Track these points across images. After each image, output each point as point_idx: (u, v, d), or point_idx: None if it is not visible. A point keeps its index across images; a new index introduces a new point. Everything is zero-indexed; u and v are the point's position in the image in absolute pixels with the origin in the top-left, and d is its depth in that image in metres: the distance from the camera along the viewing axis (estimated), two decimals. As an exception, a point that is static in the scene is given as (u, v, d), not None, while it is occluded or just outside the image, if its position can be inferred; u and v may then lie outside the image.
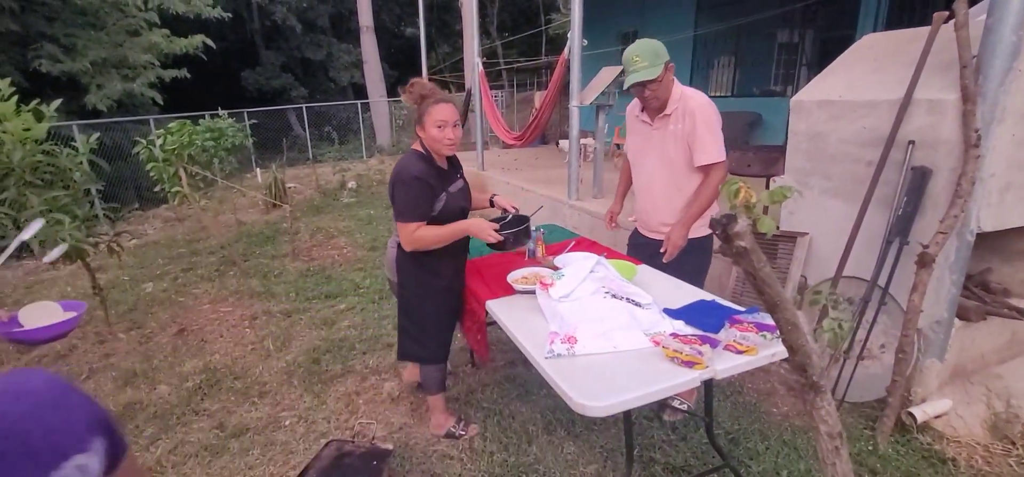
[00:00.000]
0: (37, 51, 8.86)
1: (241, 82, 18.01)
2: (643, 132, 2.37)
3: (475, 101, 7.24)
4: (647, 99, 2.21)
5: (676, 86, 2.21)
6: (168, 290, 4.62)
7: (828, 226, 2.66)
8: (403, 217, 2.03)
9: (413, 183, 2.00)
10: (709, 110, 2.15)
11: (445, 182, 2.12)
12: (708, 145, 2.14)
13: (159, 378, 3.12)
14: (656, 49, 2.13)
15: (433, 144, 2.05)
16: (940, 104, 2.20)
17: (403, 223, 2.03)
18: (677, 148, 2.22)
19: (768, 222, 0.73)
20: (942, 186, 2.22)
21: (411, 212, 2.02)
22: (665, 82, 2.16)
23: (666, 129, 2.24)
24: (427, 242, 2.06)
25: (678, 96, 2.20)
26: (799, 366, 0.85)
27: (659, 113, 2.24)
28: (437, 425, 2.45)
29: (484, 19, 20.44)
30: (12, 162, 3.27)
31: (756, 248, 0.72)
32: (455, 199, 2.14)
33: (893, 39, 2.75)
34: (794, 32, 7.85)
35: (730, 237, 0.70)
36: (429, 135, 2.03)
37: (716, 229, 0.73)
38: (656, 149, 2.31)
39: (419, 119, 2.05)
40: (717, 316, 1.77)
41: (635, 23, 9.43)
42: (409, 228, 2.03)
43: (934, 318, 2.32)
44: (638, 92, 2.22)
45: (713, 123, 2.15)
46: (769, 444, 2.26)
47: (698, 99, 2.18)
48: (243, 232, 6.39)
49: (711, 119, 2.14)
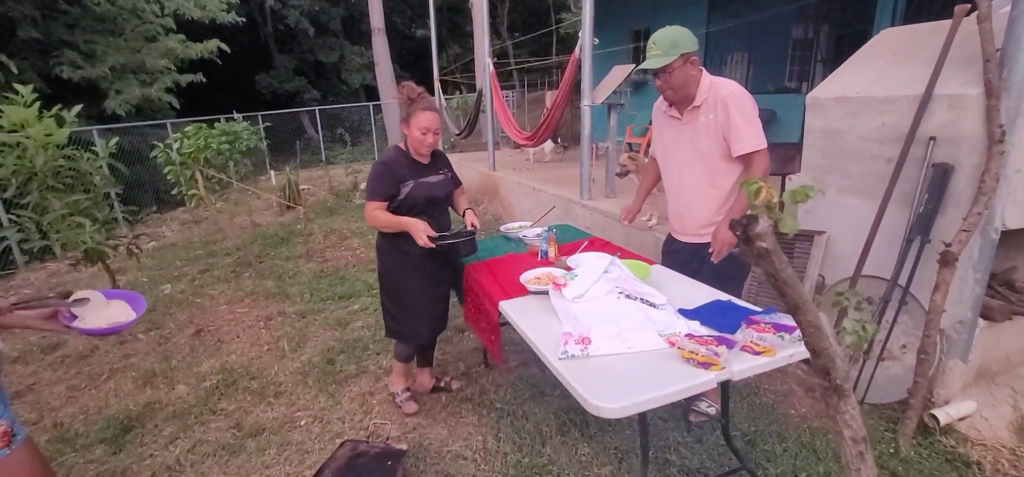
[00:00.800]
0: (58, 58, 9.05)
1: (255, 85, 18.25)
2: (672, 128, 2.28)
3: (486, 101, 7.24)
4: (661, 88, 2.16)
5: (705, 77, 2.13)
6: (185, 291, 4.69)
7: (846, 225, 2.61)
8: (369, 195, 2.33)
9: (380, 167, 2.33)
10: (742, 97, 2.06)
11: (417, 173, 2.36)
12: (745, 133, 2.04)
13: (177, 378, 3.17)
14: (675, 39, 2.06)
15: (414, 144, 2.33)
16: (962, 99, 2.15)
17: (367, 200, 2.33)
18: (710, 141, 2.12)
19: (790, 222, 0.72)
20: (965, 183, 2.17)
21: (373, 191, 2.32)
22: (680, 73, 2.08)
23: (697, 122, 2.15)
24: (377, 223, 2.34)
25: (707, 86, 2.11)
26: (822, 369, 0.84)
27: (687, 106, 2.16)
28: (392, 382, 2.77)
29: (495, 19, 20.46)
30: (35, 166, 3.35)
31: (778, 249, 0.71)
32: (421, 188, 2.36)
33: (912, 33, 2.70)
34: (808, 28, 7.74)
35: (751, 238, 0.69)
36: (412, 136, 2.30)
37: (736, 230, 0.72)
38: (687, 145, 2.21)
39: (406, 117, 2.30)
40: (733, 317, 1.75)
41: (647, 21, 9.36)
42: (371, 205, 2.32)
43: (957, 318, 2.27)
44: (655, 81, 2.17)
45: (748, 109, 2.05)
46: (787, 446, 2.23)
47: (729, 87, 2.09)
48: (258, 234, 6.47)
49: (745, 105, 2.05)
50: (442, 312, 2.62)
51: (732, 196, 2.17)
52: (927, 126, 2.27)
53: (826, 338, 0.80)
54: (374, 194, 2.32)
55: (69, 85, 9.02)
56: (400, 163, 2.35)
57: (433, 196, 2.41)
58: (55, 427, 2.74)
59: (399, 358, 2.68)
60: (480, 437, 2.43)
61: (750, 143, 2.04)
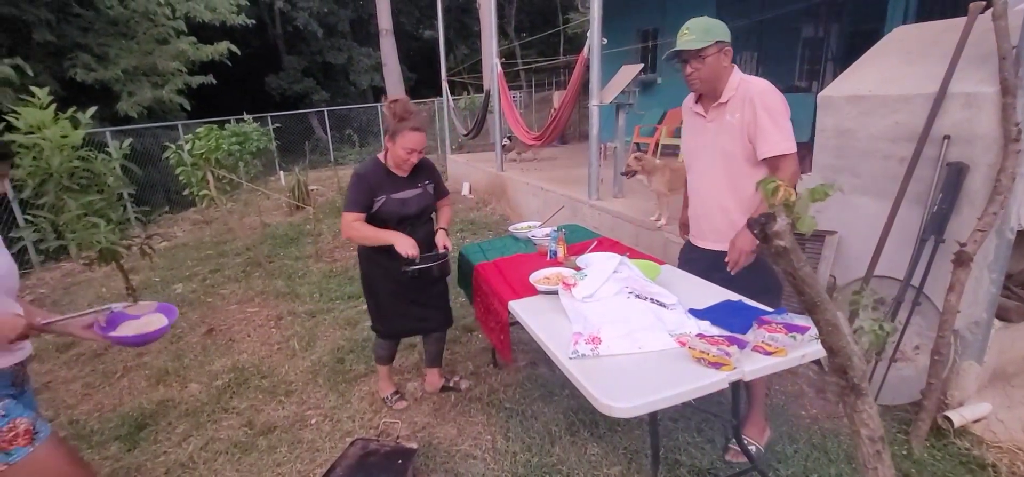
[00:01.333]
0: (72, 61, 9.18)
1: (265, 87, 18.39)
2: (697, 126, 2.16)
3: (494, 102, 7.25)
4: (689, 76, 2.02)
5: (735, 73, 2.01)
6: (197, 291, 4.74)
7: (858, 225, 2.59)
8: (345, 206, 2.33)
9: (355, 179, 2.33)
10: (771, 95, 1.92)
11: (392, 188, 2.36)
12: (771, 134, 1.89)
13: (190, 376, 3.21)
14: (710, 25, 1.95)
15: (397, 160, 2.32)
16: (977, 97, 2.12)
17: (344, 212, 2.33)
18: (734, 141, 1.99)
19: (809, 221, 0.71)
20: (980, 182, 2.14)
21: (350, 202, 2.32)
22: (713, 61, 1.96)
23: (722, 120, 2.02)
24: (355, 236, 2.34)
25: (736, 83, 1.99)
26: (839, 368, 0.83)
27: (713, 102, 2.04)
28: (379, 389, 2.82)
29: (502, 20, 20.48)
30: (51, 167, 3.40)
31: (796, 247, 0.71)
32: (394, 204, 2.35)
33: (926, 31, 2.67)
34: (819, 27, 7.69)
35: (769, 236, 0.69)
36: (397, 153, 2.29)
37: (754, 229, 0.71)
38: (710, 144, 2.09)
39: (393, 134, 2.28)
40: (744, 317, 1.74)
41: (655, 21, 9.34)
42: (347, 217, 2.32)
43: (972, 319, 2.24)
44: (683, 69, 2.04)
45: (776, 110, 1.91)
46: (798, 447, 2.22)
47: (759, 85, 1.95)
48: (268, 234, 6.52)
49: (773, 105, 1.91)
50: (422, 315, 2.58)
51: (754, 203, 2.01)
52: (941, 124, 2.24)
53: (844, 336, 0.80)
54: (350, 205, 2.31)
55: (83, 87, 9.15)
56: (376, 174, 2.34)
57: (404, 214, 2.38)
58: (71, 424, 2.79)
59: (379, 362, 2.75)
60: (489, 436, 2.44)
61: (777, 146, 1.89)
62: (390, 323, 2.58)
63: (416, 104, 15.04)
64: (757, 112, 1.91)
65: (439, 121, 12.30)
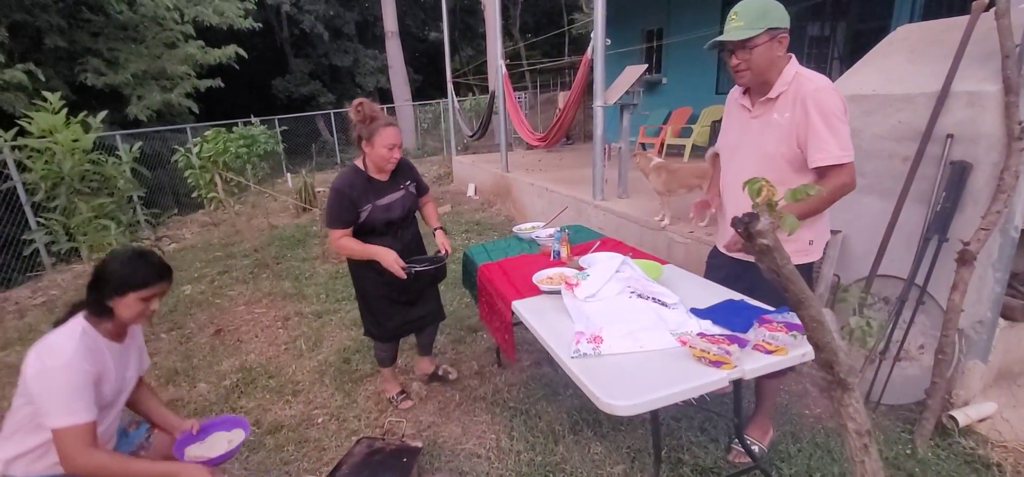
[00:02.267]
0: (83, 65, 9.31)
1: (272, 89, 18.53)
2: (740, 120, 1.94)
3: (499, 103, 7.28)
4: (736, 69, 1.79)
5: (790, 65, 1.78)
6: (205, 292, 4.79)
7: (861, 224, 2.59)
8: (328, 223, 2.30)
9: (334, 194, 2.26)
10: (828, 95, 1.68)
11: (375, 195, 2.32)
12: (826, 141, 1.67)
13: (199, 376, 3.25)
14: (764, 8, 1.70)
15: (380, 161, 2.27)
16: (980, 96, 2.12)
17: (329, 228, 2.31)
18: (780, 142, 1.77)
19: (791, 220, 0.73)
20: (983, 181, 2.14)
21: (333, 220, 2.28)
22: (764, 50, 1.73)
23: (768, 117, 1.80)
24: (345, 251, 2.33)
25: (790, 77, 1.76)
26: (826, 363, 0.85)
27: (762, 96, 1.82)
28: (385, 390, 2.82)
29: (507, 21, 20.51)
30: (63, 171, 3.46)
31: (779, 246, 0.72)
32: (379, 211, 2.33)
33: (929, 30, 2.67)
34: (825, 25, 7.64)
35: (752, 235, 0.71)
36: (378, 154, 2.24)
37: (738, 228, 0.73)
38: (752, 142, 1.86)
39: (368, 137, 2.23)
40: (745, 316, 1.75)
41: (660, 21, 9.33)
42: (334, 234, 2.30)
43: (976, 318, 2.24)
44: (729, 60, 1.81)
45: (833, 112, 1.67)
46: (801, 446, 2.22)
47: (816, 82, 1.72)
48: (275, 235, 6.57)
49: (830, 106, 1.67)
50: (415, 314, 2.61)
51: None
52: (944, 123, 2.24)
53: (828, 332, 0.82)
54: (334, 223, 2.28)
55: (93, 91, 9.28)
56: (356, 186, 2.29)
57: (390, 219, 2.37)
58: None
59: (381, 364, 2.75)
60: (494, 435, 2.46)
61: (831, 155, 1.67)
62: (384, 326, 2.57)
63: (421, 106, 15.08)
64: (809, 113, 1.69)
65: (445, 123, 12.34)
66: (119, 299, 1.54)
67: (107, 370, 1.56)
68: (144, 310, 1.59)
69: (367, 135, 2.22)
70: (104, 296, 1.53)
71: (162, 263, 1.63)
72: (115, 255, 1.60)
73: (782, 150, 1.78)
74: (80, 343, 1.48)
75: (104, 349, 1.57)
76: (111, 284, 1.53)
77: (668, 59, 9.42)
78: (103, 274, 1.54)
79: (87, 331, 1.53)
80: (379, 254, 2.26)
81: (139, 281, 1.55)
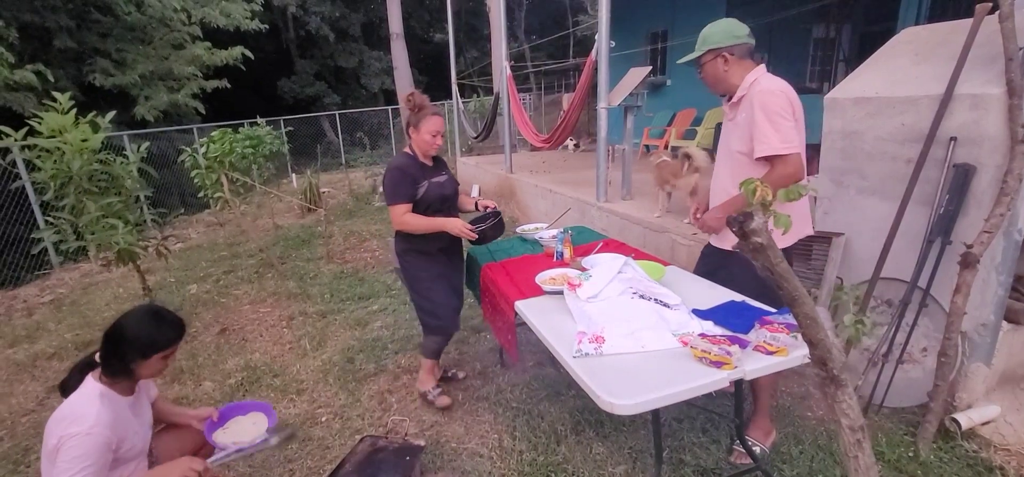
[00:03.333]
0: (91, 66, 9.39)
1: (278, 90, 18.62)
2: (724, 124, 2.20)
3: (503, 104, 7.30)
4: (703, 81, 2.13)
5: (752, 73, 2.00)
6: (211, 291, 4.83)
7: (865, 226, 2.59)
8: (391, 201, 2.46)
9: (395, 172, 2.46)
10: (771, 96, 1.89)
11: (427, 174, 2.52)
12: (767, 134, 1.87)
13: (204, 375, 3.28)
14: (706, 33, 2.05)
15: (424, 146, 2.49)
16: (984, 99, 2.12)
17: (392, 205, 2.47)
18: (740, 141, 2.00)
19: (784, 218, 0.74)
20: (986, 183, 2.13)
21: (395, 195, 2.45)
22: (709, 68, 2.04)
23: (735, 119, 2.05)
24: (411, 226, 2.47)
25: (749, 83, 1.97)
26: (820, 360, 0.85)
27: (730, 101, 2.08)
28: (421, 381, 2.81)
29: (512, 23, 20.54)
30: (71, 171, 3.49)
31: (773, 244, 0.73)
32: (435, 188, 2.51)
33: (934, 32, 2.67)
34: (830, 27, 7.63)
35: (747, 233, 0.72)
36: (423, 139, 2.46)
37: (733, 226, 0.74)
38: (725, 142, 2.13)
39: (416, 124, 2.46)
40: (747, 317, 1.76)
41: (665, 22, 9.33)
42: (397, 210, 2.46)
43: (980, 321, 2.23)
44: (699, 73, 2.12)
45: (774, 109, 1.87)
46: (803, 448, 2.22)
47: (764, 84, 1.93)
48: (280, 236, 6.62)
49: (772, 105, 1.87)
50: (459, 304, 2.75)
51: None
52: (948, 126, 2.24)
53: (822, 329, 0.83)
54: (399, 197, 2.45)
55: (101, 92, 9.36)
56: (412, 166, 2.50)
57: (444, 194, 2.56)
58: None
59: (428, 355, 2.76)
60: (496, 435, 2.47)
61: (769, 145, 1.87)
62: (440, 314, 2.62)
63: (426, 107, 15.15)
64: (755, 111, 1.90)
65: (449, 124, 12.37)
66: (143, 362, 1.55)
67: (129, 430, 1.56)
68: (165, 366, 1.62)
69: (415, 122, 2.45)
70: (128, 361, 1.54)
71: (179, 320, 1.65)
72: (131, 318, 1.58)
73: (743, 147, 2.00)
74: (102, 410, 1.47)
75: (124, 408, 1.58)
76: (135, 348, 1.53)
77: (673, 60, 9.42)
78: (123, 338, 1.53)
79: (106, 395, 1.53)
80: (446, 224, 2.44)
81: (165, 342, 1.58)
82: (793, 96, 1.92)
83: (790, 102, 1.90)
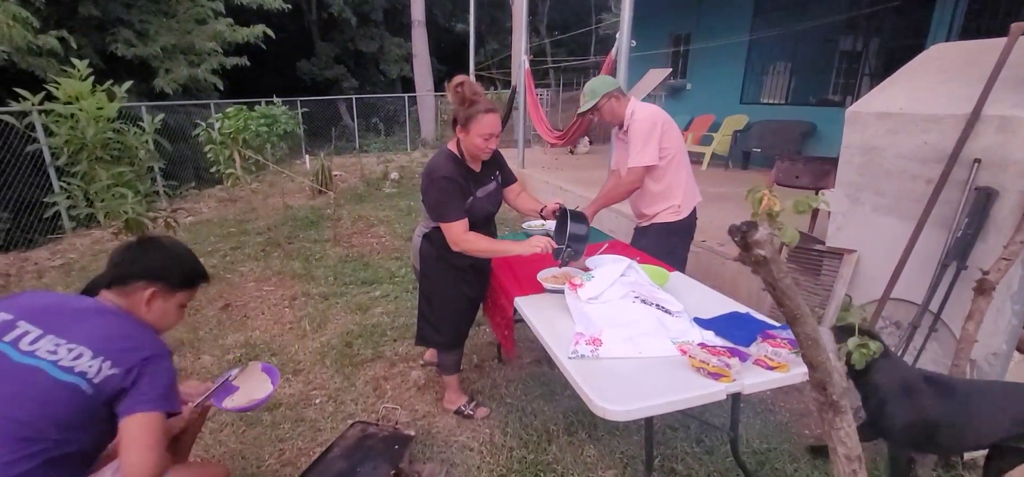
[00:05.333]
0: (114, 36, 9.48)
1: (297, 71, 18.70)
2: (618, 144, 2.88)
3: (519, 98, 7.25)
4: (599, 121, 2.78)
5: (630, 105, 2.67)
6: (217, 267, 4.86)
7: (878, 245, 2.52)
8: (446, 218, 2.05)
9: (445, 183, 2.03)
10: (643, 123, 2.58)
11: (475, 184, 2.16)
12: (635, 151, 2.61)
13: (203, 349, 3.30)
14: (594, 87, 2.66)
15: (474, 150, 2.08)
16: (1012, 121, 2.04)
17: (448, 223, 2.05)
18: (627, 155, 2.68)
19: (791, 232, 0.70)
20: (1008, 209, 2.06)
21: (449, 212, 2.04)
22: (607, 108, 2.66)
23: (626, 141, 2.70)
24: (475, 248, 2.09)
25: (630, 114, 2.65)
26: (819, 384, 0.81)
27: (620, 129, 2.74)
28: (449, 401, 2.59)
29: (534, 17, 20.44)
30: (86, 137, 3.53)
31: (777, 258, 0.69)
32: (482, 203, 2.17)
33: (964, 50, 2.58)
34: (858, 40, 7.46)
35: (749, 245, 0.67)
36: (473, 142, 2.03)
37: (735, 236, 0.70)
38: (621, 157, 2.81)
39: (464, 122, 2.01)
40: (749, 329, 1.71)
41: (689, 26, 9.20)
42: (456, 228, 2.04)
43: (991, 349, 2.16)
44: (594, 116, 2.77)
45: (642, 134, 2.58)
46: (798, 467, 2.17)
47: (640, 113, 2.62)
48: (289, 215, 6.65)
49: (641, 131, 2.58)
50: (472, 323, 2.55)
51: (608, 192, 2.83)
52: (972, 147, 2.16)
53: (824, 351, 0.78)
54: (456, 213, 2.03)
55: (123, 62, 9.44)
56: (461, 172, 2.07)
57: (489, 211, 2.22)
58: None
59: (449, 372, 2.53)
60: (487, 430, 2.45)
61: (633, 159, 2.62)
62: (449, 335, 2.42)
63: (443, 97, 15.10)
64: (630, 135, 2.63)
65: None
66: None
67: None
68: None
69: (463, 119, 2.00)
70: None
71: None
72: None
73: None
74: None
75: None
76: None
77: (694, 65, 9.30)
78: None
79: None
80: (524, 247, 2.05)
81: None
82: (658, 120, 2.59)
83: (653, 126, 2.58)
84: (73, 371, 1.19)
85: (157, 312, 1.40)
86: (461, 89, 2.00)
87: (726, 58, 8.17)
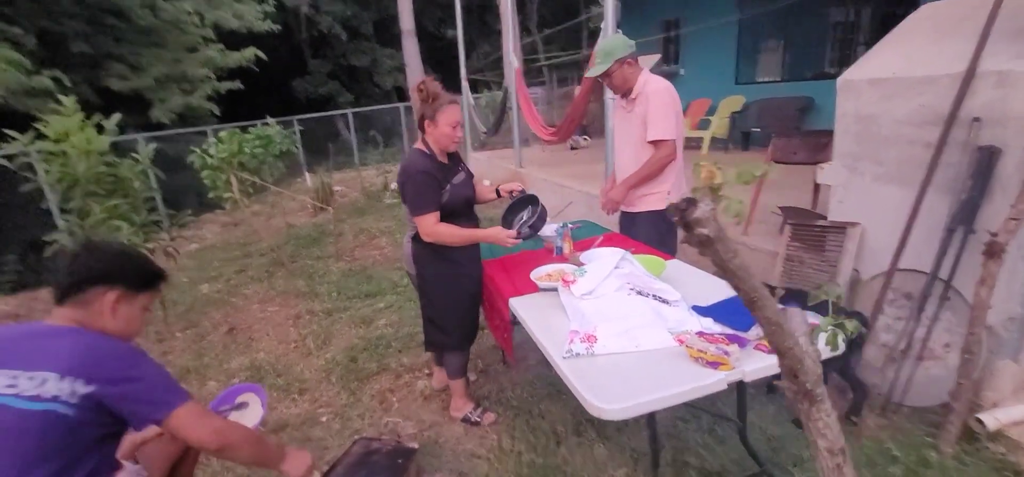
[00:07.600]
0: (107, 70, 9.54)
1: (292, 90, 18.78)
2: (619, 116, 2.76)
3: (512, 100, 7.21)
4: (608, 86, 2.69)
5: (643, 75, 2.55)
6: (221, 291, 4.86)
7: (882, 215, 2.45)
8: (419, 210, 2.17)
9: (420, 177, 2.14)
10: (663, 95, 2.46)
11: (448, 175, 2.24)
12: (657, 123, 2.46)
13: (209, 374, 3.28)
14: (610, 48, 2.52)
15: (442, 141, 2.20)
16: (1010, 75, 1.97)
17: (420, 216, 2.17)
18: (639, 128, 2.55)
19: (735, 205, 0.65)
20: (1013, 167, 1.99)
21: (425, 204, 2.16)
22: (618, 74, 2.53)
23: (633, 111, 2.58)
24: (445, 238, 2.20)
25: (642, 83, 2.53)
26: (789, 371, 0.76)
27: (627, 98, 2.61)
28: (455, 408, 2.56)
29: (523, 15, 20.38)
30: (77, 173, 3.52)
31: (723, 236, 0.64)
32: (458, 190, 2.26)
33: (956, 6, 2.51)
34: (849, 10, 7.35)
35: (690, 224, 0.62)
36: (441, 132, 2.17)
37: (674, 216, 0.66)
38: (626, 130, 2.69)
39: (432, 115, 2.15)
40: (748, 313, 1.66)
41: (677, 11, 9.10)
42: (427, 220, 2.16)
43: (1007, 314, 2.09)
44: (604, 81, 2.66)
45: (664, 105, 2.45)
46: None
47: (655, 85, 2.50)
48: (291, 235, 6.65)
49: (662, 102, 2.45)
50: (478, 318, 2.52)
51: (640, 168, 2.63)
52: (970, 106, 2.09)
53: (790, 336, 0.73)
54: (427, 205, 2.14)
55: (118, 96, 9.50)
56: (433, 166, 2.18)
57: (467, 196, 2.30)
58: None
59: (456, 376, 2.51)
60: (495, 436, 2.41)
61: (658, 132, 2.47)
62: (455, 335, 2.42)
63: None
64: (650, 106, 2.47)
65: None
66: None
67: None
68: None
69: (431, 114, 2.14)
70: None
71: None
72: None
73: (641, 133, 2.55)
74: None
75: None
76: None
77: (686, 50, 9.21)
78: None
79: None
80: (487, 235, 2.23)
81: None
82: (674, 94, 2.50)
83: (673, 99, 2.48)
84: (40, 398, 1.13)
85: (123, 317, 1.35)
86: (424, 87, 2.16)
87: (718, 39, 8.07)
